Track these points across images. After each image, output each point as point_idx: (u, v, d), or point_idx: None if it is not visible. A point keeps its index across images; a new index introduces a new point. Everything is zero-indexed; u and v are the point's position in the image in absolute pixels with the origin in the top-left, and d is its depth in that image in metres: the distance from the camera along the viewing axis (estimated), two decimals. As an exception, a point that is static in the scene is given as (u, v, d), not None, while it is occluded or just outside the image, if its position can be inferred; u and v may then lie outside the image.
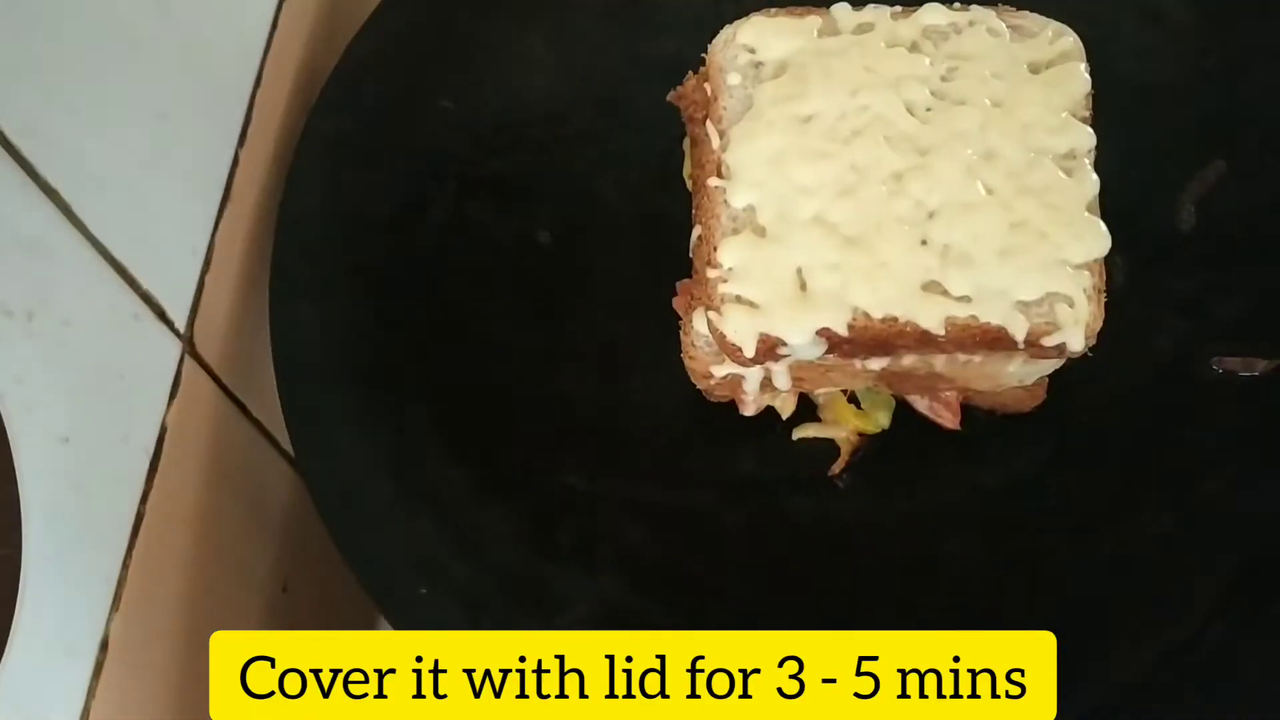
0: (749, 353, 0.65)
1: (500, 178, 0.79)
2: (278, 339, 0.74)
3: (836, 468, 0.71)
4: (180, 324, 0.68)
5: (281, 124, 0.79)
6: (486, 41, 0.82)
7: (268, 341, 0.74)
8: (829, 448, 0.72)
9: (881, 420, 0.71)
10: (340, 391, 0.73)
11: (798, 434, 0.72)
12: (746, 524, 0.71)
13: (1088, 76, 0.69)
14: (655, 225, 0.76)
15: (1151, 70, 0.79)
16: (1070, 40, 0.71)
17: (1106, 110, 0.70)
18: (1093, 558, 0.68)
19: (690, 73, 0.74)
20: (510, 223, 0.78)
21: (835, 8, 0.72)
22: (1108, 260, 0.67)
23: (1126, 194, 0.74)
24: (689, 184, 0.75)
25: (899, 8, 0.72)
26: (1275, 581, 0.66)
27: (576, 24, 0.83)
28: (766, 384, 0.70)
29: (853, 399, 0.72)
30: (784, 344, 0.65)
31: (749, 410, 0.71)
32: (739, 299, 0.66)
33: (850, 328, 0.65)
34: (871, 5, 0.72)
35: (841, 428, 0.72)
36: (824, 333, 0.65)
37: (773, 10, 0.73)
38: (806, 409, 0.73)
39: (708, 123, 0.71)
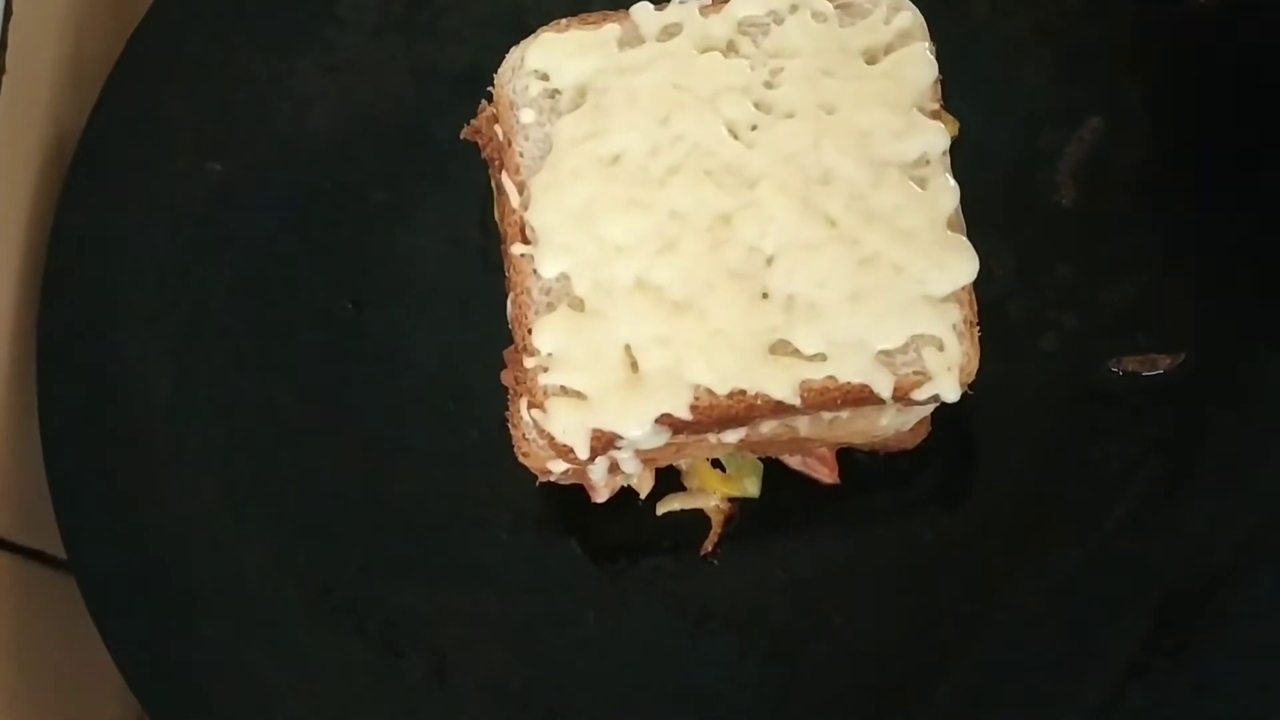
0: (582, 454, 0.56)
1: (286, 247, 0.69)
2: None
3: (709, 544, 0.63)
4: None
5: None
6: (249, 80, 0.71)
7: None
8: (699, 519, 0.64)
9: (750, 488, 0.63)
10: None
11: (662, 508, 0.64)
12: (615, 614, 0.63)
13: (933, 59, 0.59)
14: (472, 283, 0.67)
15: (1012, 18, 0.69)
16: (909, 16, 0.60)
17: (966, 71, 0.62)
18: (998, 612, 0.61)
19: (484, 101, 0.63)
20: (306, 298, 0.68)
21: (635, 9, 0.61)
22: (993, 252, 0.60)
23: (998, 170, 0.68)
24: (501, 228, 0.65)
25: (708, 0, 0.61)
26: (1200, 623, 0.59)
27: (349, 41, 0.72)
28: (616, 467, 0.61)
29: (718, 462, 0.64)
30: (621, 438, 0.56)
31: (601, 497, 0.63)
32: (564, 390, 0.57)
33: (694, 409, 0.56)
34: (677, 1, 0.61)
35: (710, 496, 0.63)
36: (664, 419, 0.56)
37: (564, 22, 0.62)
38: (670, 473, 0.64)
39: (504, 174, 0.61)
